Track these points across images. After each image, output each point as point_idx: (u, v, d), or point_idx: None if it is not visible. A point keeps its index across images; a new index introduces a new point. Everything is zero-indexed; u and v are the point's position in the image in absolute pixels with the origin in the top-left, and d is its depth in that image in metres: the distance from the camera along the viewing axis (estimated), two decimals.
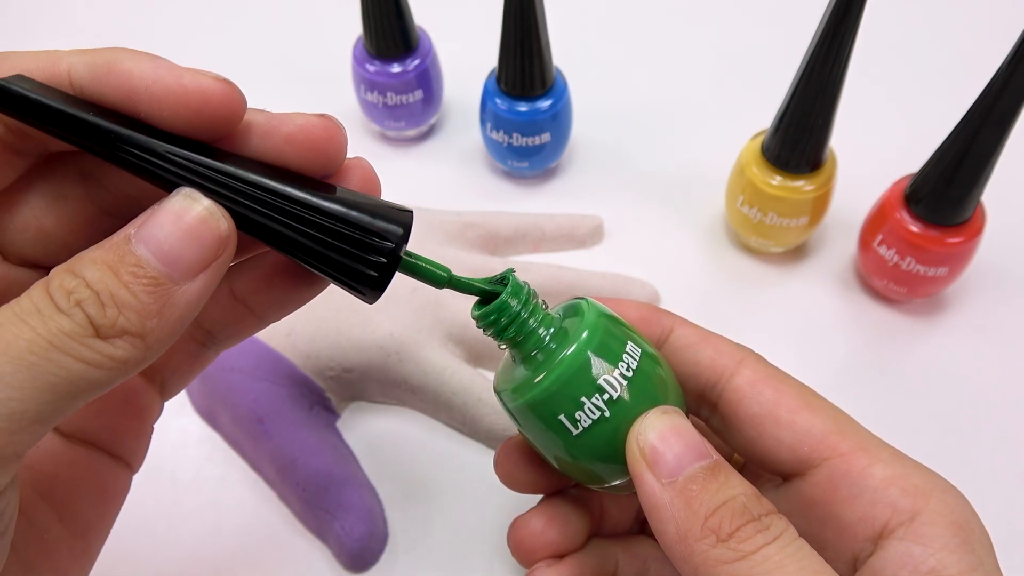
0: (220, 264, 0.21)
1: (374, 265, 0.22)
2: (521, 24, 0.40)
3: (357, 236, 0.22)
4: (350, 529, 0.35)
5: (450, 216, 0.44)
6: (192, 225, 0.20)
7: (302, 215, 0.21)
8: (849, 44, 0.34)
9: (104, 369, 0.19)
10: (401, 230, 0.23)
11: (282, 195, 0.21)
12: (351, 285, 0.22)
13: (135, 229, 0.20)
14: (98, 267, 0.19)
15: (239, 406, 0.37)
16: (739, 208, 0.42)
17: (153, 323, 0.20)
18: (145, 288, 0.19)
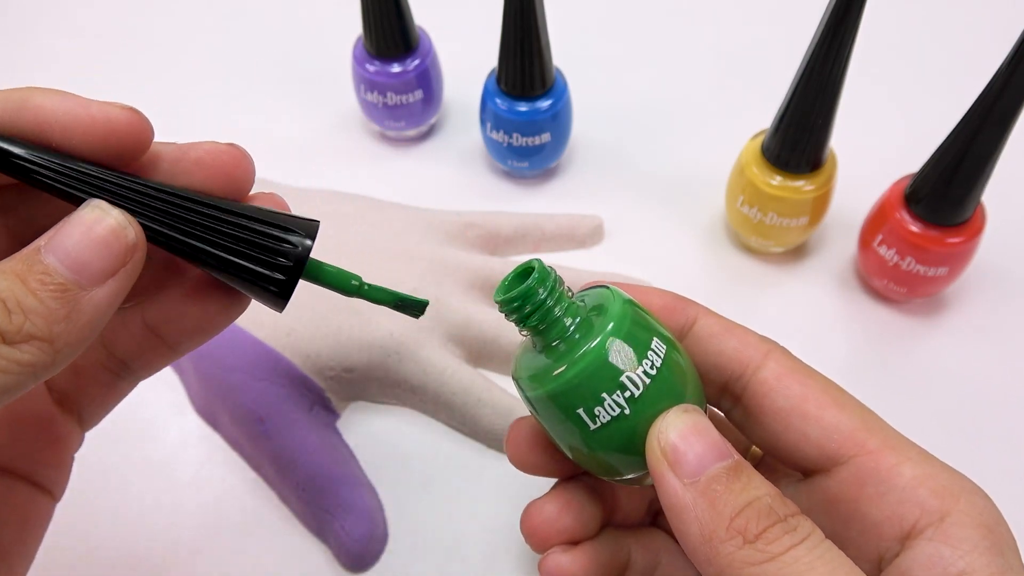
0: (129, 271, 0.21)
1: (280, 268, 0.23)
2: (521, 24, 0.40)
3: (263, 240, 0.23)
4: (350, 529, 0.35)
5: (450, 216, 0.44)
6: (101, 234, 0.21)
7: (209, 221, 0.22)
8: (849, 44, 0.34)
9: (11, 374, 0.20)
10: (305, 234, 0.23)
11: (189, 201, 0.23)
12: (259, 287, 0.23)
13: (45, 241, 0.21)
14: (6, 276, 0.20)
15: (239, 406, 0.37)
16: (739, 208, 0.42)
17: (60, 327, 0.20)
18: (52, 294, 0.20)
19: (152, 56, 0.55)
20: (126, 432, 0.39)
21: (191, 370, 0.39)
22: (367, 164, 0.49)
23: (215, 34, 0.57)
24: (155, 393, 0.40)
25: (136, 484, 0.38)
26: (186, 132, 0.51)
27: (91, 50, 0.56)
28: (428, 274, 0.40)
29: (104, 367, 0.25)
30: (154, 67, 0.55)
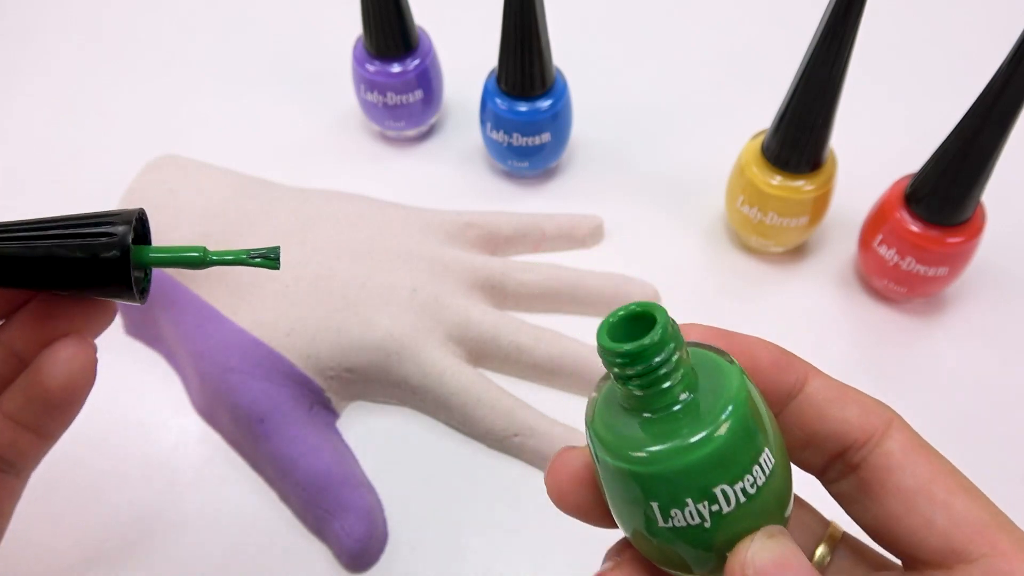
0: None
1: (109, 260, 0.22)
2: (521, 24, 0.40)
3: (87, 233, 0.22)
4: (350, 529, 0.35)
5: (450, 216, 0.43)
6: None
7: (31, 234, 0.23)
8: (849, 44, 0.34)
9: None
10: (122, 221, 0.22)
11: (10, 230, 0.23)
12: (106, 288, 0.23)
13: None
14: None
15: (239, 406, 0.37)
16: (739, 208, 0.42)
17: None
18: None
19: (152, 56, 0.55)
20: (126, 432, 0.39)
21: (191, 370, 0.39)
22: (367, 164, 0.49)
23: (215, 34, 0.57)
24: (155, 393, 0.40)
25: (136, 484, 0.38)
26: (186, 132, 0.51)
27: (91, 50, 0.56)
28: (428, 274, 0.40)
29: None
30: (154, 67, 0.55)
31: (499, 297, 0.42)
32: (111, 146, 0.50)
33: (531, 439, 0.37)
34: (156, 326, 0.41)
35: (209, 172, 0.42)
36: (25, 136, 0.51)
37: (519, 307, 0.42)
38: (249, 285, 0.40)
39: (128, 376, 0.40)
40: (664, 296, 0.43)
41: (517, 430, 0.37)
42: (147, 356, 0.41)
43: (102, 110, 0.52)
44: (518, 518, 0.36)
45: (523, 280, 0.42)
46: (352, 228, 0.42)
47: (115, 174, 0.44)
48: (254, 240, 0.40)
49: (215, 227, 0.40)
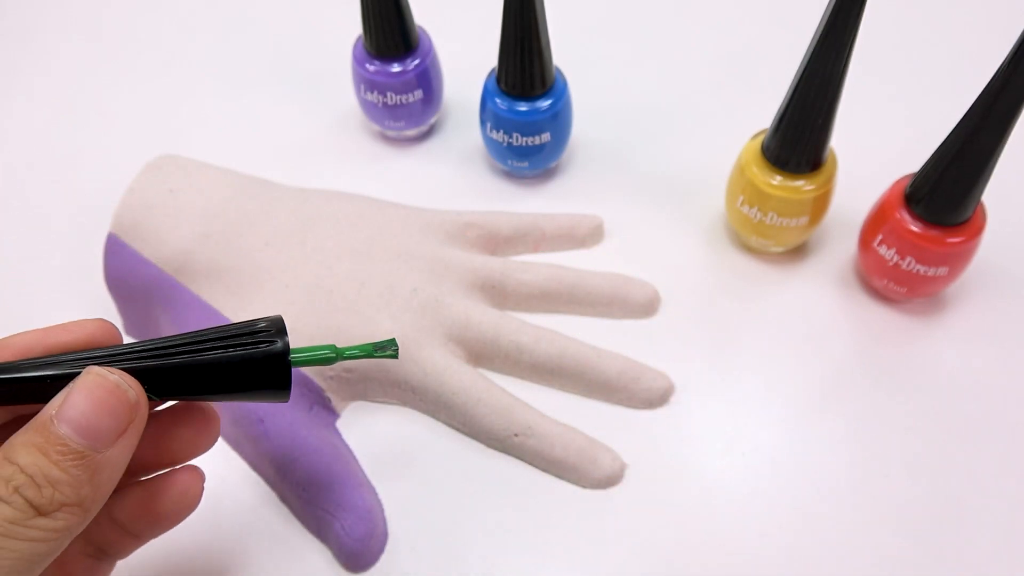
0: (136, 425, 0.24)
1: (271, 370, 0.26)
2: (521, 24, 0.40)
3: (246, 353, 0.26)
4: (350, 529, 0.35)
5: (450, 216, 0.43)
6: (102, 397, 0.23)
7: (190, 357, 0.25)
8: (849, 44, 0.34)
9: (49, 541, 0.22)
10: (276, 330, 0.26)
11: (163, 347, 0.25)
12: (262, 394, 0.27)
13: (55, 410, 0.23)
14: (28, 450, 0.22)
15: (239, 406, 0.37)
16: (739, 208, 0.42)
17: (86, 491, 0.22)
18: (73, 463, 0.22)
19: (152, 56, 0.55)
20: None
21: None
22: (367, 164, 0.49)
23: (215, 34, 0.57)
24: None
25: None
26: (186, 132, 0.51)
27: (91, 50, 0.56)
28: (428, 274, 0.40)
29: (84, 553, 0.28)
30: (154, 67, 0.55)
31: (499, 297, 0.42)
32: (111, 146, 0.50)
33: (531, 439, 0.37)
34: (156, 326, 0.41)
35: (209, 172, 0.42)
36: (25, 136, 0.51)
37: (519, 307, 0.42)
38: (249, 285, 0.40)
39: None
40: (664, 296, 0.43)
41: (517, 430, 0.37)
42: None
43: (102, 110, 0.52)
44: (518, 518, 0.36)
45: (523, 280, 0.42)
46: (352, 228, 0.42)
47: (115, 174, 0.44)
48: (253, 239, 0.40)
49: (215, 227, 0.40)
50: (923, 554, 0.35)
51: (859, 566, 0.35)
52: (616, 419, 0.39)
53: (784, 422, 0.39)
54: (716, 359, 0.41)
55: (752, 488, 0.37)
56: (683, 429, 0.39)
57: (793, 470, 0.37)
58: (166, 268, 0.40)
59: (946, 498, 0.37)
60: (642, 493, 0.37)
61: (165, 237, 0.40)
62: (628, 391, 0.39)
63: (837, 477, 0.37)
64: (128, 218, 0.40)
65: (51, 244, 0.46)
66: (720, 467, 0.38)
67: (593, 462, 0.37)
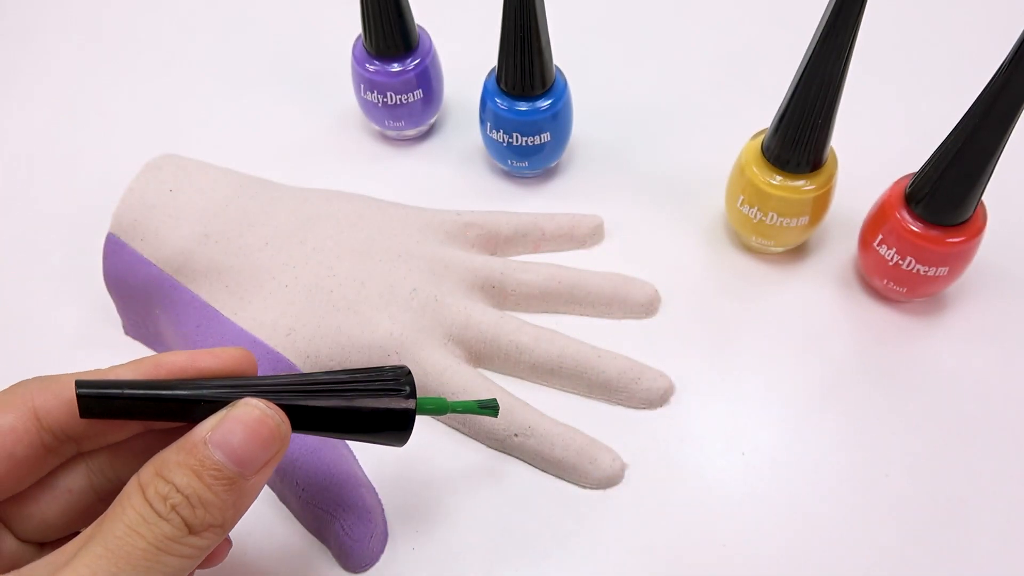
0: (280, 455, 0.25)
1: (401, 419, 0.29)
2: (521, 23, 0.40)
3: (382, 405, 0.29)
4: (350, 529, 0.35)
5: (450, 216, 0.43)
6: (257, 429, 0.24)
7: (329, 399, 0.27)
8: (849, 43, 0.34)
9: (195, 558, 0.24)
10: (405, 381, 0.30)
11: (307, 384, 0.27)
12: (388, 438, 0.30)
13: (208, 434, 0.24)
14: (184, 472, 0.23)
15: None
16: (739, 208, 0.42)
17: (230, 513, 0.24)
18: (224, 487, 0.24)
19: (152, 56, 0.55)
20: None
21: None
22: (367, 164, 0.49)
23: (215, 34, 0.57)
24: None
25: None
26: (186, 132, 0.51)
27: (91, 50, 0.56)
28: (428, 274, 0.40)
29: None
30: (154, 67, 0.55)
31: (499, 297, 0.42)
32: (111, 146, 0.50)
33: (531, 439, 0.37)
34: (156, 326, 0.41)
35: (209, 172, 0.42)
36: (25, 136, 0.51)
37: (519, 307, 0.42)
38: (249, 285, 0.40)
39: None
40: (664, 296, 0.43)
41: (517, 430, 0.37)
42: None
43: (102, 110, 0.52)
44: (518, 518, 0.36)
45: (523, 280, 0.42)
46: (352, 228, 0.42)
47: (115, 174, 0.44)
48: (253, 239, 0.40)
49: (215, 227, 0.40)
50: (923, 554, 0.35)
51: (859, 566, 0.35)
52: (616, 419, 0.39)
53: (784, 422, 0.39)
54: (716, 359, 0.41)
55: (752, 488, 0.37)
56: (683, 429, 0.39)
57: (793, 470, 0.37)
58: (166, 268, 0.40)
59: (946, 498, 0.36)
60: (642, 493, 0.37)
61: (165, 237, 0.40)
62: (628, 391, 0.39)
63: (837, 477, 0.37)
64: (128, 218, 0.40)
65: (51, 244, 0.46)
66: (720, 467, 0.38)
67: (593, 462, 0.37)
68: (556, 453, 0.37)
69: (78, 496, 0.27)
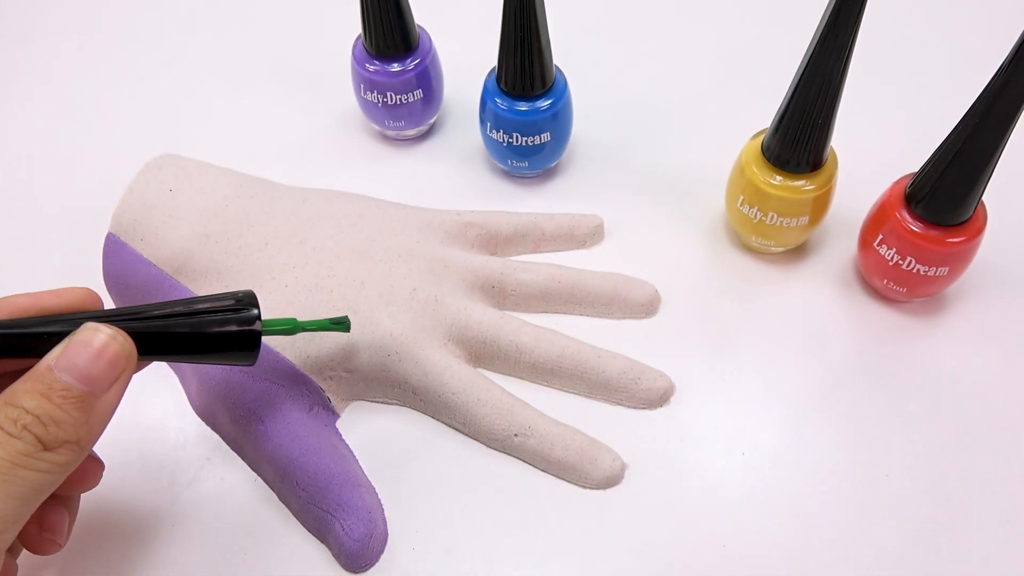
0: (127, 374, 0.27)
1: (245, 335, 0.30)
2: (521, 23, 0.40)
3: (225, 328, 0.30)
4: (350, 529, 0.35)
5: (450, 216, 0.43)
6: (100, 349, 0.26)
7: (172, 323, 0.29)
8: (849, 43, 0.34)
9: (54, 473, 0.25)
10: (248, 302, 0.31)
11: (145, 313, 0.29)
12: (234, 356, 0.31)
13: (54, 361, 0.25)
14: (32, 396, 0.25)
15: (238, 406, 0.37)
16: (739, 208, 0.42)
17: (84, 430, 0.26)
18: (74, 405, 0.25)
19: (152, 56, 0.55)
20: (126, 433, 0.39)
21: (190, 371, 0.39)
22: (367, 164, 0.49)
23: (215, 34, 0.57)
24: (155, 394, 0.40)
25: (136, 484, 0.38)
26: (186, 132, 0.51)
27: (91, 50, 0.56)
28: (428, 274, 0.40)
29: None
30: (154, 67, 0.55)
31: (499, 297, 0.42)
32: (111, 146, 0.50)
33: (531, 439, 0.37)
34: None
35: (209, 171, 0.42)
36: (25, 136, 0.51)
37: (519, 307, 0.42)
38: (249, 285, 0.40)
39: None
40: (664, 296, 0.43)
41: (517, 430, 0.37)
42: None
43: (102, 110, 0.52)
44: (518, 518, 0.36)
45: (523, 280, 0.42)
46: (352, 228, 0.42)
47: (115, 174, 0.44)
48: (253, 239, 0.40)
49: (215, 227, 0.40)
50: (923, 554, 0.35)
51: (859, 566, 0.35)
52: (616, 419, 0.39)
53: (784, 422, 0.39)
54: (716, 359, 0.41)
55: (752, 488, 0.37)
56: (683, 429, 0.39)
57: (793, 470, 0.37)
58: (166, 268, 0.40)
59: (946, 498, 0.36)
60: (642, 493, 0.37)
61: (165, 237, 0.40)
62: (628, 391, 0.39)
63: (837, 477, 0.37)
64: (127, 218, 0.40)
65: (51, 244, 0.46)
66: (720, 467, 0.38)
67: (593, 462, 0.37)
68: (556, 453, 0.37)
69: None
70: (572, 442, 0.37)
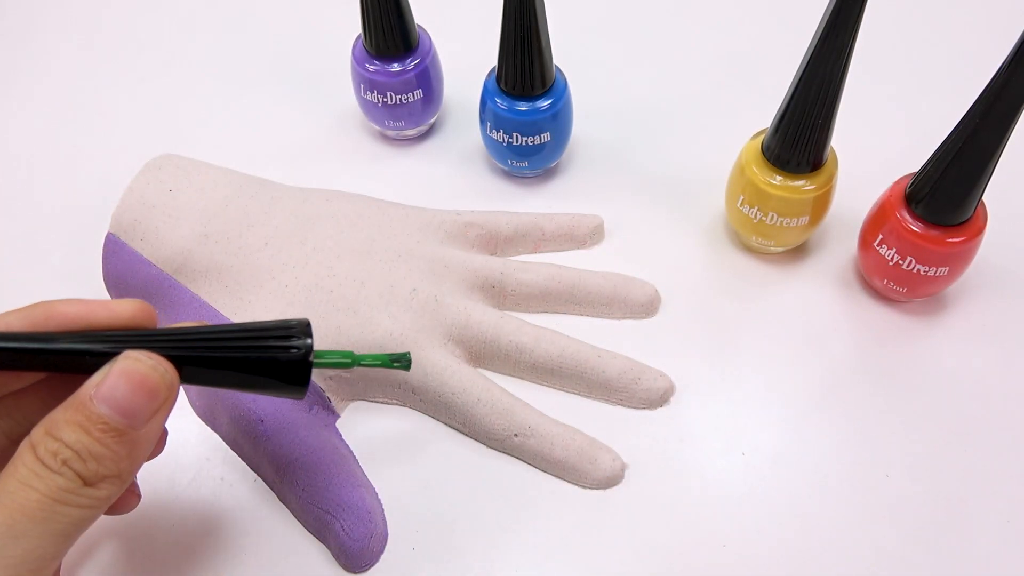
0: (168, 404, 0.26)
1: (293, 369, 0.28)
2: (521, 23, 0.40)
3: (273, 354, 0.28)
4: (350, 529, 0.35)
5: (450, 216, 0.43)
6: (139, 381, 0.25)
7: (221, 349, 0.27)
8: (849, 43, 0.34)
9: (95, 508, 0.24)
10: (302, 332, 0.28)
11: (197, 336, 0.27)
12: (284, 391, 0.28)
13: (94, 390, 0.24)
14: (72, 428, 0.24)
15: (238, 406, 0.37)
16: (739, 208, 0.42)
17: (125, 464, 0.25)
18: (114, 440, 0.24)
19: (152, 56, 0.55)
20: None
21: None
22: (367, 164, 0.49)
23: (215, 34, 0.57)
24: None
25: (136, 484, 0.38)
26: (186, 132, 0.51)
27: (91, 50, 0.56)
28: (428, 274, 0.40)
29: None
30: (154, 67, 0.55)
31: (499, 297, 0.42)
32: (111, 146, 0.50)
33: (531, 439, 0.37)
34: None
35: (209, 172, 0.42)
36: (25, 136, 0.51)
37: (519, 307, 0.42)
38: (249, 285, 0.40)
39: None
40: (664, 296, 0.43)
41: (517, 430, 0.37)
42: None
43: (102, 110, 0.52)
44: (518, 518, 0.36)
45: (523, 280, 0.42)
46: (352, 228, 0.42)
47: (115, 174, 0.44)
48: (253, 239, 0.40)
49: (215, 227, 0.40)
50: (923, 554, 0.35)
51: (859, 566, 0.35)
52: (616, 419, 0.39)
53: (784, 422, 0.39)
54: (716, 359, 0.41)
55: (752, 488, 0.37)
56: (683, 429, 0.39)
57: (793, 470, 0.37)
58: (165, 268, 0.40)
59: (946, 498, 0.36)
60: (642, 493, 0.37)
61: (164, 237, 0.40)
62: (628, 391, 0.39)
63: (837, 477, 0.37)
64: (127, 218, 0.40)
65: (51, 244, 0.46)
66: (720, 467, 0.38)
67: (593, 462, 0.37)
68: (556, 453, 0.37)
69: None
70: (572, 442, 0.37)
